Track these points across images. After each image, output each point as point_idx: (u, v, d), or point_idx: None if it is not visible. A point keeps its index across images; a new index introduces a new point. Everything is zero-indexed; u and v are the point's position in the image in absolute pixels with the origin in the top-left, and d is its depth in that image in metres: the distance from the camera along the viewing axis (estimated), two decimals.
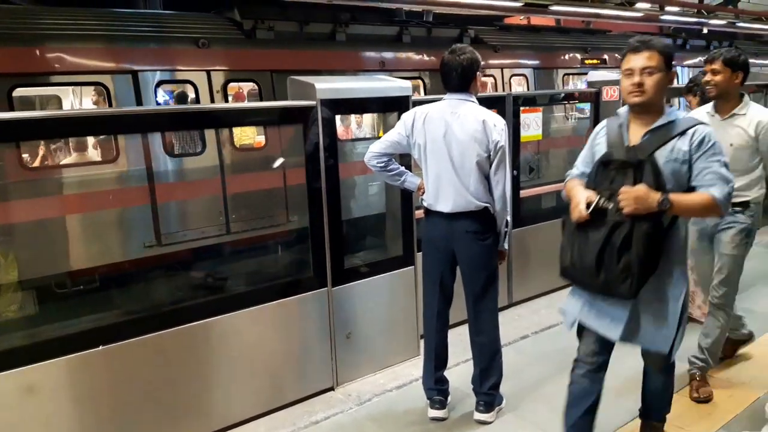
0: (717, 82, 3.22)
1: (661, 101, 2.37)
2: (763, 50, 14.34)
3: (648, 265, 2.24)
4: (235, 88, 6.98)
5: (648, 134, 2.36)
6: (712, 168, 2.28)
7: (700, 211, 2.35)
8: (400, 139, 3.18)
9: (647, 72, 2.30)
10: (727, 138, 3.16)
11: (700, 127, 2.32)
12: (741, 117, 3.26)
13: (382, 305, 3.83)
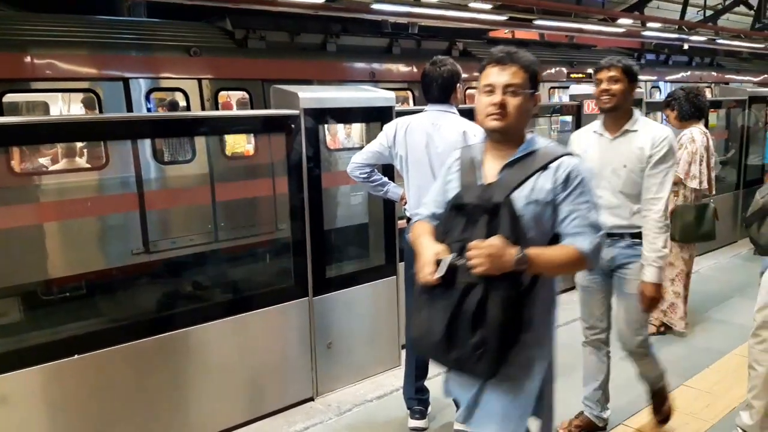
0: (616, 91, 2.77)
1: (523, 129, 1.94)
2: (743, 66, 14.61)
3: (508, 337, 1.78)
4: (224, 96, 7.01)
5: (505, 169, 1.91)
6: (579, 212, 1.86)
7: (565, 267, 1.89)
8: (382, 149, 3.20)
9: (511, 91, 1.87)
10: (620, 159, 2.80)
11: (566, 160, 1.88)
12: (633, 134, 2.81)
13: (364, 315, 3.84)
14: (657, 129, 2.80)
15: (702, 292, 5.10)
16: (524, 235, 1.82)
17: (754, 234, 2.55)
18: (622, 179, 2.80)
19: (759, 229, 2.51)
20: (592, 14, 10.49)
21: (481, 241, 1.72)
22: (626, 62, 2.81)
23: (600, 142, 2.90)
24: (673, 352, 4.13)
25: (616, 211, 2.81)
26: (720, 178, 6.37)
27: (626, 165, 2.79)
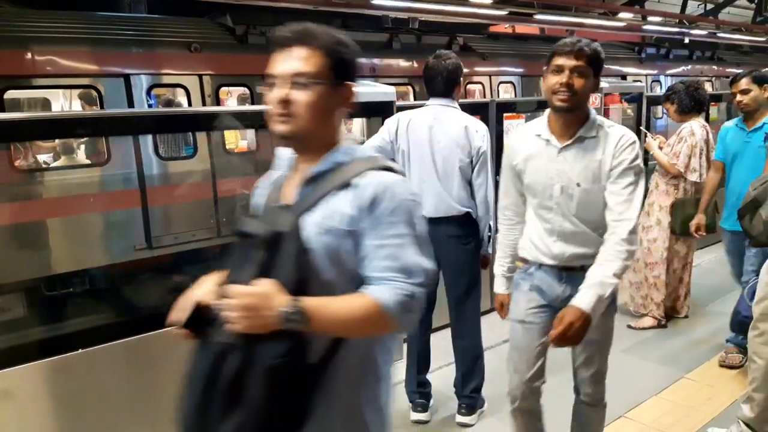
0: (578, 88, 2.10)
1: (327, 132, 1.43)
2: (744, 60, 14.58)
3: (278, 427, 1.29)
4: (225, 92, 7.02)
5: (304, 186, 1.42)
6: (387, 249, 1.33)
7: (360, 326, 1.32)
8: (384, 144, 3.21)
9: (298, 83, 1.36)
10: (573, 176, 2.17)
11: (376, 176, 1.36)
12: (591, 141, 2.16)
13: None
14: (619, 132, 2.18)
15: (703, 285, 5.11)
16: (315, 277, 1.31)
17: (746, 225, 2.57)
18: (576, 200, 2.17)
19: (751, 220, 2.52)
20: (593, 8, 10.45)
21: (243, 287, 1.22)
22: (594, 47, 2.14)
23: (547, 152, 2.22)
24: (674, 345, 4.16)
25: (574, 238, 2.22)
26: None
27: (580, 183, 2.16)
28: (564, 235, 2.23)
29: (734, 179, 3.86)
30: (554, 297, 2.29)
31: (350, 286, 1.35)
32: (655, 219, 4.37)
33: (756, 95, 3.67)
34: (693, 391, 3.53)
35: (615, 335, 3.01)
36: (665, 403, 3.39)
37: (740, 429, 2.85)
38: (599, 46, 2.16)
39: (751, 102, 3.69)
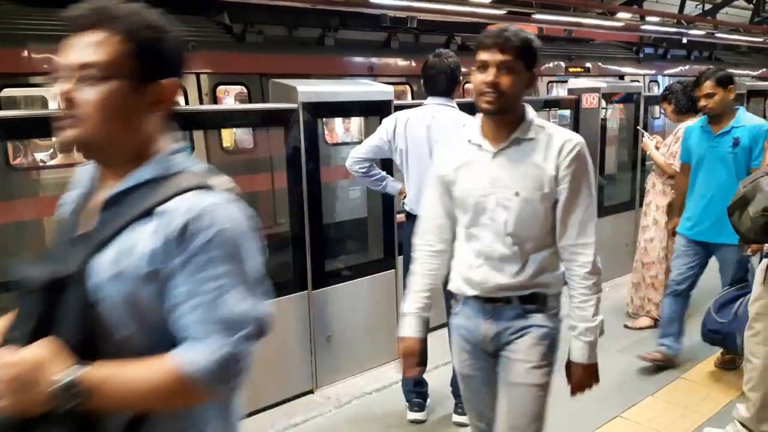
0: (506, 87, 1.76)
1: (142, 144, 1.12)
2: (741, 60, 14.62)
3: None
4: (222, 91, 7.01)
5: (101, 214, 1.10)
6: (200, 297, 1.03)
7: (161, 399, 1.04)
8: (382, 144, 3.21)
9: (85, 77, 1.06)
10: (510, 183, 1.83)
11: (187, 199, 1.06)
12: (529, 143, 1.84)
13: (363, 308, 3.86)
14: (563, 135, 1.85)
15: (699, 286, 5.09)
16: (107, 335, 1.02)
17: (735, 222, 2.57)
18: (514, 214, 1.83)
19: (740, 217, 2.54)
20: (591, 8, 10.45)
21: (12, 354, 0.96)
22: (523, 36, 1.79)
23: (478, 158, 1.89)
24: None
25: (501, 264, 1.87)
26: None
27: (519, 192, 1.83)
28: (491, 260, 1.88)
29: (699, 185, 3.61)
30: (481, 338, 1.95)
31: (160, 345, 1.03)
32: (651, 219, 4.37)
33: (721, 98, 3.47)
34: (689, 390, 3.54)
35: (612, 335, 3.02)
36: (661, 403, 3.40)
37: (736, 429, 2.86)
38: (530, 35, 1.82)
39: (716, 106, 3.48)
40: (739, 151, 3.45)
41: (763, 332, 2.71)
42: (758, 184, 2.47)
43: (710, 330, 3.51)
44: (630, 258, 4.84)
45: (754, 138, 3.43)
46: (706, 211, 3.54)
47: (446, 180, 1.96)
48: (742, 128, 3.47)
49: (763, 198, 2.43)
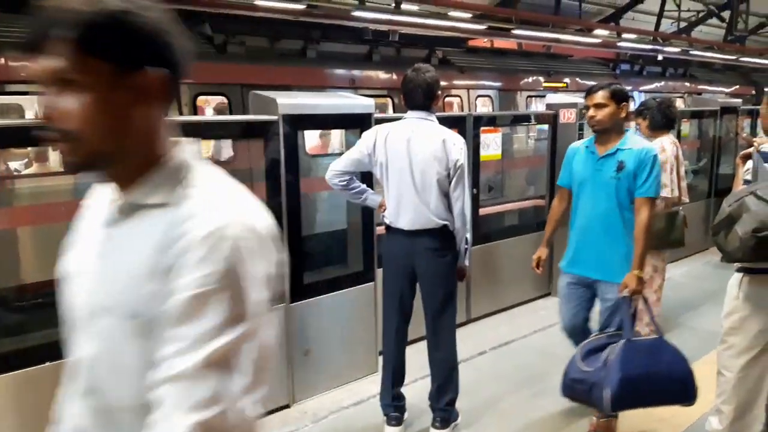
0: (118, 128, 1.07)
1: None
2: (715, 78, 14.97)
3: None
4: (203, 101, 6.98)
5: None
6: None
7: None
8: (362, 157, 3.22)
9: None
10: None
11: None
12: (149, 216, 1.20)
13: (342, 321, 3.84)
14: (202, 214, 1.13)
15: (674, 299, 5.20)
16: None
17: (721, 242, 2.59)
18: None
19: (726, 236, 2.56)
20: (569, 25, 10.64)
21: None
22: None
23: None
24: None
25: None
26: (692, 187, 6.50)
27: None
28: None
29: (579, 214, 3.21)
30: None
31: None
32: None
33: (612, 112, 3.06)
34: None
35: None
36: (636, 416, 3.43)
37: None
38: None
39: (605, 119, 3.06)
40: (622, 177, 3.03)
41: (737, 345, 2.74)
42: (744, 204, 2.47)
43: (572, 379, 2.97)
44: None
45: (641, 163, 3.01)
46: (586, 243, 3.16)
47: None
48: (628, 151, 3.05)
49: (751, 218, 2.43)
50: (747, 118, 8.44)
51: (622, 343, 2.85)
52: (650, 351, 2.90)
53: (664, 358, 2.89)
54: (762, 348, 2.69)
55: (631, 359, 2.80)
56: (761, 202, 2.42)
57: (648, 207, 3.02)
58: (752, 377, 2.72)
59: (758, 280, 2.66)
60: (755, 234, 2.40)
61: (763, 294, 2.66)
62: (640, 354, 2.85)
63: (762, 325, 2.67)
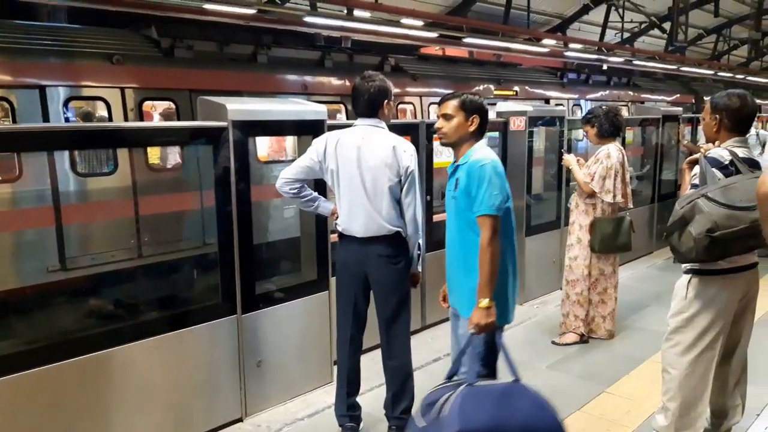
0: None
1: None
2: (657, 87, 15.58)
3: None
4: (149, 106, 6.78)
5: None
6: None
7: None
8: (313, 164, 3.17)
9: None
10: None
11: None
12: None
13: (295, 331, 3.77)
14: None
15: (622, 301, 5.33)
16: None
17: (675, 242, 2.66)
18: None
19: (680, 237, 2.64)
20: (518, 34, 10.89)
21: None
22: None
23: None
24: (596, 360, 4.31)
25: None
26: (636, 192, 6.72)
27: None
28: None
29: (447, 239, 2.95)
30: None
31: None
32: (575, 237, 4.53)
33: (459, 124, 2.75)
34: (614, 404, 3.65)
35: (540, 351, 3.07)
36: (587, 417, 3.49)
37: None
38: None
39: (450, 132, 2.76)
40: (458, 195, 2.74)
41: (682, 343, 2.83)
42: (697, 205, 2.57)
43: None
44: (557, 275, 4.99)
45: (470, 177, 2.67)
46: (449, 270, 2.95)
47: None
48: (463, 166, 2.74)
49: (704, 219, 2.52)
50: (687, 126, 8.81)
51: (462, 388, 2.26)
52: (500, 398, 2.26)
53: (519, 407, 2.23)
54: (706, 346, 2.78)
55: (473, 409, 2.18)
56: (712, 204, 2.53)
57: (487, 226, 2.60)
58: (697, 374, 2.81)
59: (706, 281, 2.76)
60: (709, 234, 2.50)
61: (710, 294, 2.76)
62: (486, 402, 2.22)
63: (707, 323, 2.77)
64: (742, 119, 2.85)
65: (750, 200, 2.46)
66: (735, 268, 2.74)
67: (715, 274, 2.74)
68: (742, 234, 2.48)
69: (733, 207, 2.50)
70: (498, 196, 2.63)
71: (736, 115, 2.83)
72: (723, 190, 2.56)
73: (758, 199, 1.60)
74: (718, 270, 2.73)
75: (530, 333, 4.83)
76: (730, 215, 2.49)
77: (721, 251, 2.59)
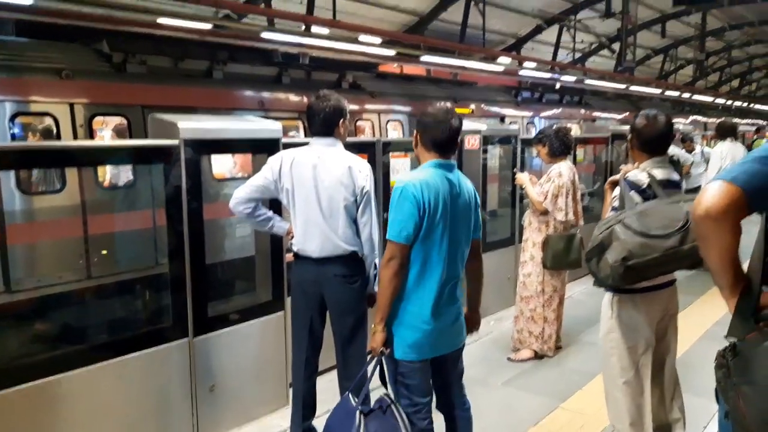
0: None
1: None
2: (607, 105, 16.12)
3: None
4: (100, 122, 6.62)
5: None
6: None
7: None
8: (267, 183, 3.14)
9: None
10: None
11: None
12: None
13: (250, 354, 3.70)
14: None
15: (574, 317, 5.44)
16: None
17: (593, 268, 2.65)
18: None
19: (598, 263, 2.65)
20: (474, 53, 11.11)
21: None
22: None
23: None
24: (549, 376, 4.37)
25: None
26: (588, 209, 6.89)
27: None
28: None
29: None
30: None
31: None
32: (529, 254, 4.61)
33: (414, 143, 2.74)
34: (568, 419, 3.70)
35: (495, 368, 3.09)
36: None
37: None
38: None
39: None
40: None
41: (616, 365, 2.86)
42: (614, 232, 2.57)
43: None
44: (512, 292, 5.05)
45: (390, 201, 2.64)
46: None
47: None
48: None
49: (620, 246, 2.52)
50: None
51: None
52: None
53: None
54: (637, 364, 2.84)
55: None
56: (629, 231, 2.53)
57: (386, 251, 2.53)
58: (635, 393, 2.87)
59: (626, 299, 2.82)
60: (624, 262, 2.49)
61: (632, 312, 2.82)
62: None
63: (633, 342, 2.83)
64: (650, 139, 2.87)
65: (665, 227, 2.50)
66: (653, 286, 2.79)
67: (635, 293, 2.79)
68: (655, 262, 2.49)
69: (647, 235, 2.50)
70: (400, 222, 2.48)
71: (642, 135, 2.88)
72: (639, 216, 2.56)
73: (693, 221, 1.65)
74: (638, 289, 2.76)
75: (486, 350, 4.87)
76: (644, 244, 2.49)
77: (637, 277, 2.60)
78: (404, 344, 2.58)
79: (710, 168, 6.96)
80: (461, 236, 2.63)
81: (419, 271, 2.55)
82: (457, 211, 2.59)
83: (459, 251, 2.63)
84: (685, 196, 2.74)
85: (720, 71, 26.14)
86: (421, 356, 2.60)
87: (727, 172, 1.61)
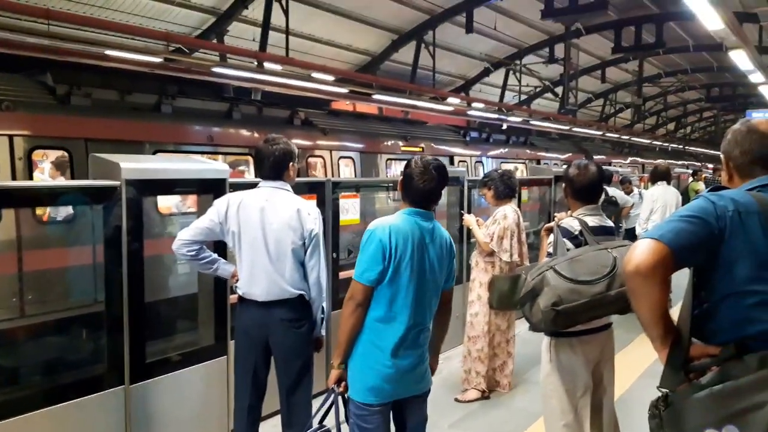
0: None
1: None
2: (552, 145, 16.72)
3: None
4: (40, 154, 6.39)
5: None
6: None
7: None
8: (213, 226, 3.09)
9: None
10: None
11: None
12: None
13: (190, 401, 3.56)
14: None
15: (522, 355, 5.49)
16: None
17: (527, 313, 2.68)
18: None
19: (531, 308, 2.69)
20: (425, 92, 11.40)
21: None
22: None
23: None
24: (497, 417, 4.38)
25: None
26: (534, 247, 7.04)
27: None
28: None
29: None
30: None
31: None
32: (476, 294, 4.67)
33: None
34: None
35: (443, 409, 3.07)
36: None
37: None
38: None
39: None
40: None
41: (556, 409, 2.91)
42: (545, 278, 2.62)
43: None
44: (461, 331, 5.08)
45: None
46: None
47: None
48: None
49: (551, 292, 2.57)
50: None
51: None
52: None
53: None
54: (577, 408, 2.88)
55: None
56: (559, 277, 2.59)
57: (349, 288, 2.61)
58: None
59: (563, 342, 2.89)
60: (554, 307, 2.55)
61: (570, 355, 2.88)
62: None
63: (571, 385, 2.88)
64: (581, 188, 2.99)
65: (593, 273, 2.58)
66: (589, 330, 2.86)
67: (571, 336, 2.85)
68: (583, 308, 2.55)
69: (576, 281, 2.56)
70: (365, 263, 2.55)
71: (575, 184, 3.00)
72: (569, 263, 2.63)
73: (624, 276, 1.71)
74: (574, 332, 2.82)
75: (434, 390, 4.69)
76: (573, 289, 2.55)
77: (568, 321, 2.64)
78: (364, 387, 2.56)
79: (642, 211, 7.18)
80: (430, 284, 2.63)
81: (385, 312, 2.55)
82: (428, 259, 2.61)
83: (426, 299, 2.63)
84: (614, 243, 2.84)
85: (657, 115, 27.67)
86: (381, 399, 2.57)
87: (656, 229, 1.69)
